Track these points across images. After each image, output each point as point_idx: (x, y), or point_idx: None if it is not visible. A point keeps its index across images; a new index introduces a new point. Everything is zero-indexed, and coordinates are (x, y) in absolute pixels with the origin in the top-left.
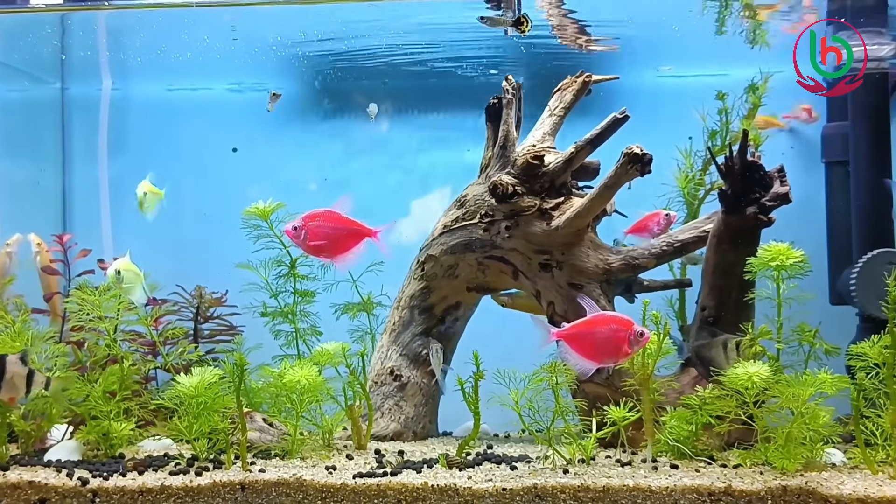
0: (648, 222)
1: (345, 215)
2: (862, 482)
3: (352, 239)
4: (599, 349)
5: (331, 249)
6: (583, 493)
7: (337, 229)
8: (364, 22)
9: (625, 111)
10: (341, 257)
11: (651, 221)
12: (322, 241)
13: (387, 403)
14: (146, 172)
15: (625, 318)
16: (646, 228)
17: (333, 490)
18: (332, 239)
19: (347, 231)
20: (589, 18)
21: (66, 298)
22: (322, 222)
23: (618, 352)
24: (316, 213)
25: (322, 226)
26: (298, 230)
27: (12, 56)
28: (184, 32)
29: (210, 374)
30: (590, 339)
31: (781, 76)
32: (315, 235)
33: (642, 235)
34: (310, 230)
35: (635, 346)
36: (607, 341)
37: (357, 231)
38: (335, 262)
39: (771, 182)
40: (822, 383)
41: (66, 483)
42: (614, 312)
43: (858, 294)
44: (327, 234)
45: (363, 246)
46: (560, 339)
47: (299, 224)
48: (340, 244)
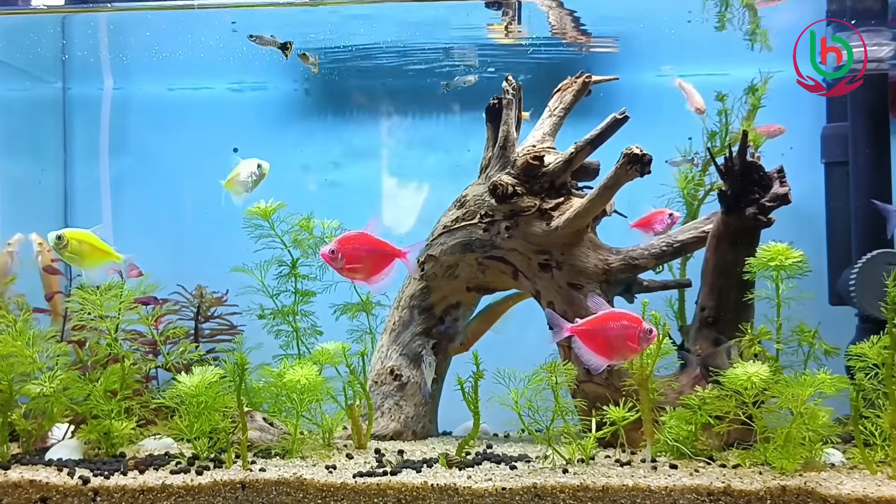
0: (653, 219)
1: (376, 237)
2: (861, 482)
3: (384, 260)
4: (611, 345)
5: (366, 272)
6: (582, 492)
7: (371, 252)
8: (364, 22)
9: (624, 112)
10: (374, 279)
11: (655, 219)
12: (357, 264)
13: (387, 403)
14: (147, 172)
15: (634, 314)
16: (649, 225)
17: (333, 489)
18: (366, 261)
19: (380, 253)
20: (589, 18)
21: (68, 298)
22: (357, 245)
23: (628, 348)
24: (350, 236)
25: (357, 248)
26: (335, 253)
27: (14, 55)
28: (185, 32)
29: (211, 374)
30: (602, 335)
31: (781, 76)
32: (351, 259)
33: (646, 231)
34: (346, 253)
35: (644, 342)
36: (618, 337)
37: (388, 253)
38: (369, 284)
39: (770, 183)
40: (821, 383)
41: (68, 482)
42: (623, 309)
43: (858, 294)
44: (362, 257)
45: (394, 267)
46: (573, 334)
47: (335, 247)
48: (374, 266)
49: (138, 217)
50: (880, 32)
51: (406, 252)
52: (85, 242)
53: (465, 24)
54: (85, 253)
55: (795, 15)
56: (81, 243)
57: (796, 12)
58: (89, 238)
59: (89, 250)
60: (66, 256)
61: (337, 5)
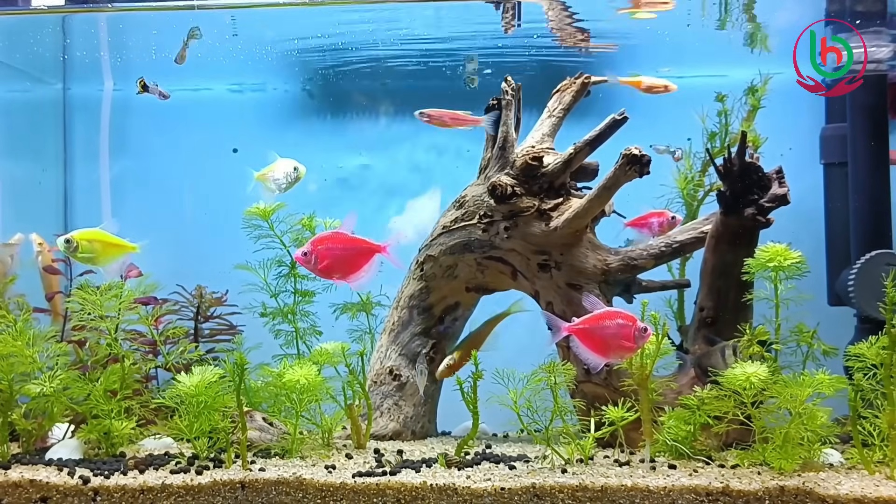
0: (650, 219)
1: (352, 234)
2: (859, 482)
3: (362, 258)
4: (608, 344)
5: (343, 270)
6: (581, 492)
7: (346, 250)
8: (364, 22)
9: (623, 112)
10: (354, 277)
11: (653, 219)
12: (333, 264)
13: (386, 403)
14: (147, 173)
15: (629, 314)
16: (646, 225)
17: (333, 489)
18: (342, 260)
19: (357, 250)
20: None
21: (68, 298)
22: (331, 244)
23: (624, 346)
24: (324, 237)
25: (331, 248)
26: (308, 255)
27: (14, 56)
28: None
29: (210, 374)
30: (599, 334)
31: (781, 77)
32: (325, 259)
33: (641, 231)
34: (319, 254)
35: (640, 341)
36: (615, 336)
37: (366, 249)
38: (349, 283)
39: (769, 183)
40: (819, 384)
41: (68, 482)
42: (618, 308)
43: (856, 295)
44: (337, 257)
45: (375, 263)
46: (570, 333)
47: (308, 249)
48: (352, 264)
49: (138, 217)
50: (880, 34)
51: (385, 246)
52: (95, 241)
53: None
54: (98, 251)
55: (795, 15)
56: (92, 242)
57: (796, 13)
58: (99, 235)
59: (101, 247)
60: (80, 258)
61: (337, 5)
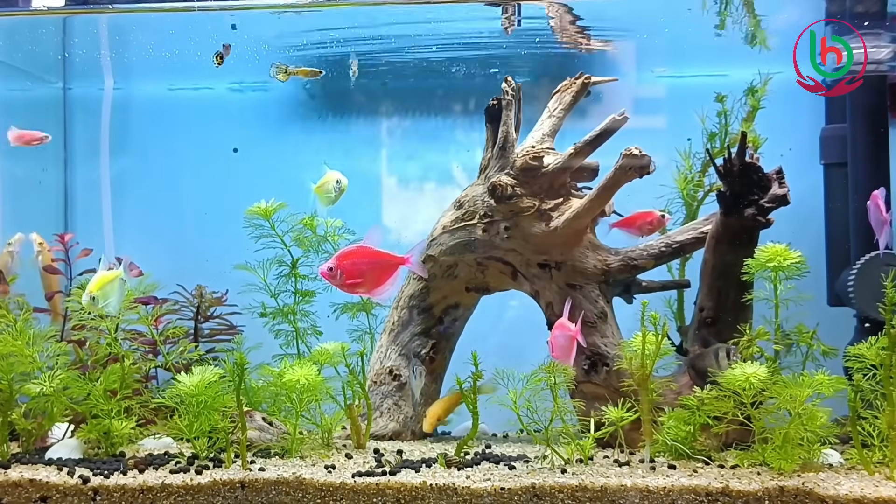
0: (639, 220)
1: (375, 248)
2: (859, 483)
3: (387, 271)
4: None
5: (368, 285)
6: (581, 492)
7: (372, 264)
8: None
9: (624, 113)
10: (378, 290)
11: (642, 220)
12: (358, 279)
13: (386, 403)
14: (147, 172)
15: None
16: (633, 225)
17: (333, 489)
18: (367, 275)
19: (382, 264)
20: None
21: (68, 297)
22: (356, 259)
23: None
24: (349, 251)
25: (357, 263)
26: (333, 270)
27: (14, 55)
28: (186, 33)
29: (210, 374)
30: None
31: (780, 78)
32: (351, 274)
33: (630, 231)
34: (345, 269)
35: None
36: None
37: (391, 262)
38: (373, 296)
39: (769, 183)
40: (819, 384)
41: (68, 481)
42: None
43: (856, 296)
44: (363, 271)
45: (399, 275)
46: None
47: (334, 265)
48: (376, 278)
49: (138, 217)
50: (879, 35)
51: (409, 258)
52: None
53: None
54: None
55: (795, 15)
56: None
57: (796, 13)
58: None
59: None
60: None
61: (337, 6)
